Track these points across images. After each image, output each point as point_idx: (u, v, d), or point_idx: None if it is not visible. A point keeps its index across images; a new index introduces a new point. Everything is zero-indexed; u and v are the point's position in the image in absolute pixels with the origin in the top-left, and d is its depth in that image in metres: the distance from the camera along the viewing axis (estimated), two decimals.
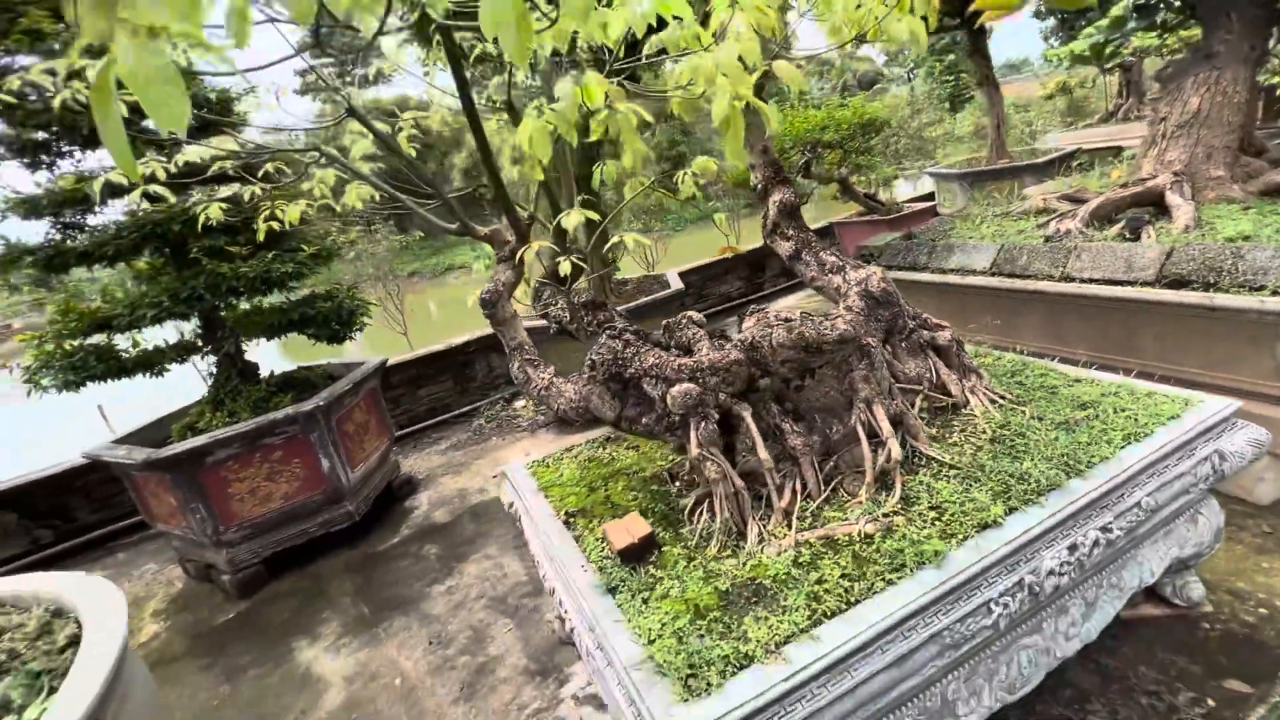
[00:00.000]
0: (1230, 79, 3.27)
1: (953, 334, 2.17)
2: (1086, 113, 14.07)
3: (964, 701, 1.57)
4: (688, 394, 1.72)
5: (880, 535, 1.58)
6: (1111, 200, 3.24)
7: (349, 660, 2.91)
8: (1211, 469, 1.79)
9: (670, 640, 1.39)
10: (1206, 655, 1.95)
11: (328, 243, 3.77)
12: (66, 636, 1.56)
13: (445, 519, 4.12)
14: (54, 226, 3.32)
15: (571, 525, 1.97)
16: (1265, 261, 2.29)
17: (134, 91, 0.68)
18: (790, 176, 6.67)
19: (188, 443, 3.39)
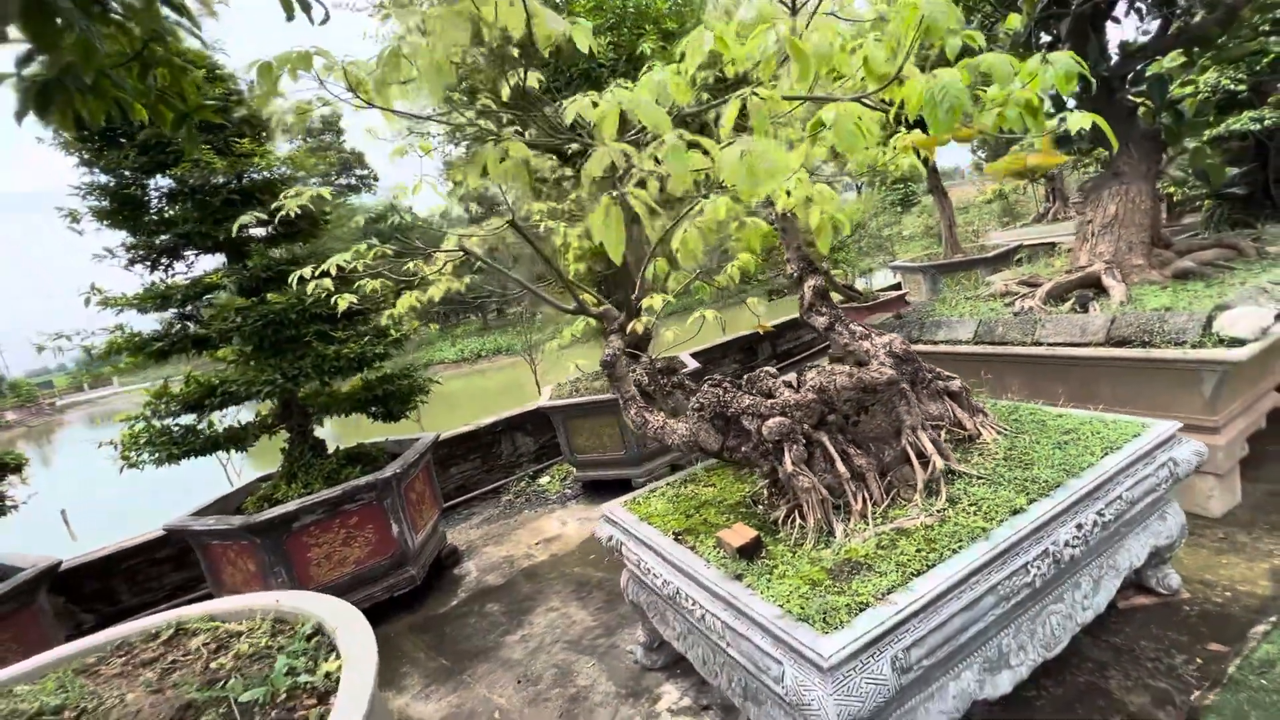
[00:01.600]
0: (1136, 191, 4.22)
1: (961, 383, 2.79)
2: (1019, 214, 15.96)
3: (1014, 654, 2.03)
4: (781, 425, 2.26)
5: (938, 524, 2.10)
6: (1061, 284, 4.05)
7: (441, 704, 3.14)
8: (1169, 472, 2.38)
9: (800, 601, 1.85)
10: (1190, 628, 2.45)
11: (405, 330, 4.29)
12: (309, 630, 1.92)
13: (498, 581, 4.39)
14: (176, 317, 3.79)
15: (681, 541, 2.42)
16: (1183, 324, 3.02)
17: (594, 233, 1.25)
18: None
19: (279, 508, 3.71)
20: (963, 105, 1.23)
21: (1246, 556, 2.78)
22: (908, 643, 1.72)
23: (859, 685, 1.62)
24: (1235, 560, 2.77)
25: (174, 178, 3.69)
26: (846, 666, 1.63)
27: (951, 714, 1.87)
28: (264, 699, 1.58)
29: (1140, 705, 2.17)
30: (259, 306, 3.54)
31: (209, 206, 3.72)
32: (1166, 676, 2.26)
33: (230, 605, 2.17)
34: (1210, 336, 2.92)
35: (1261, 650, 2.25)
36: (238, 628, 2.02)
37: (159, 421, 3.98)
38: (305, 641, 1.85)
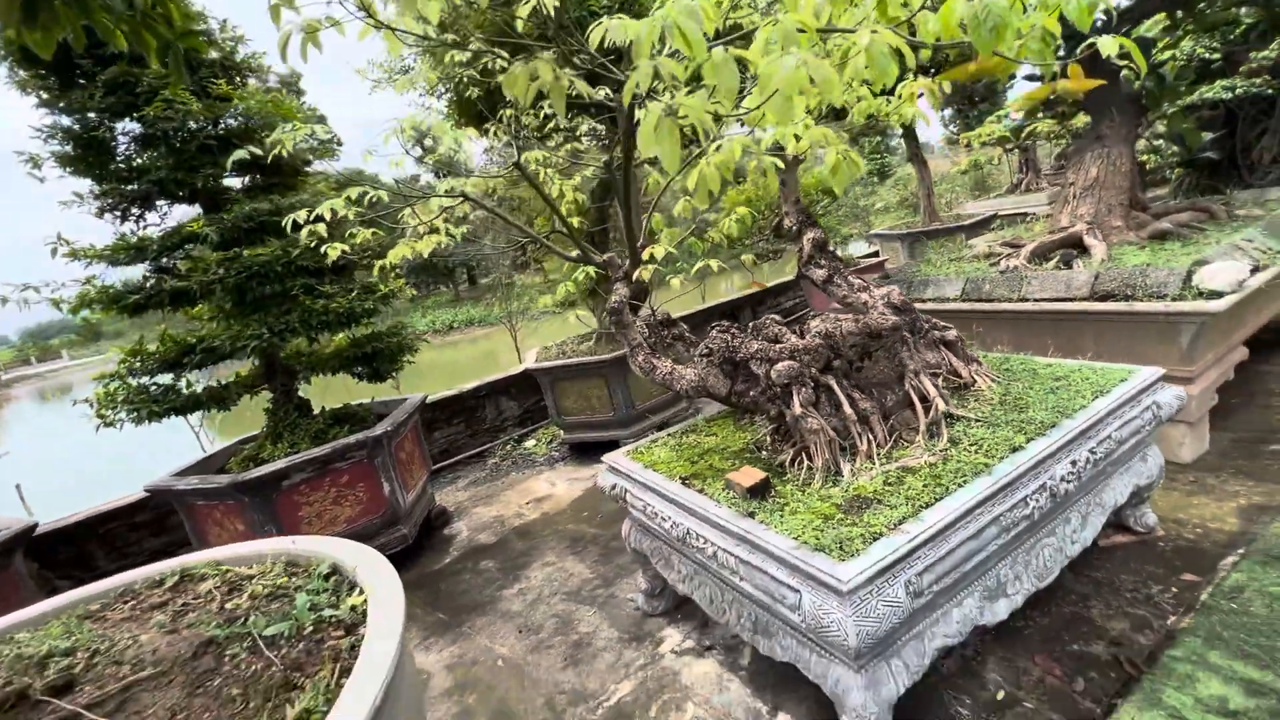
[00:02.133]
0: (1117, 154, 4.32)
1: (957, 333, 2.86)
2: (990, 187, 16.24)
3: (1011, 583, 2.13)
4: (790, 368, 2.29)
5: (941, 463, 2.17)
6: (1045, 243, 4.15)
7: (443, 654, 3.16)
8: (1153, 414, 2.49)
9: (814, 533, 1.90)
10: (1165, 561, 2.60)
11: (393, 287, 4.19)
12: (325, 569, 1.90)
13: (490, 540, 4.40)
14: (151, 270, 3.63)
15: (689, 485, 2.46)
16: (1164, 278, 3.14)
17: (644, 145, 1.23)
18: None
19: (269, 466, 3.63)
20: (1008, 24, 1.23)
21: (1215, 497, 2.95)
22: (919, 568, 1.79)
23: (875, 608, 1.68)
24: (1205, 501, 2.94)
25: (144, 121, 3.49)
26: (864, 590, 1.69)
27: (954, 638, 1.96)
28: (289, 632, 1.57)
29: (1121, 630, 2.31)
30: (242, 258, 3.40)
31: (183, 153, 3.54)
32: (1145, 605, 2.40)
33: (237, 551, 2.13)
34: (1190, 290, 3.04)
35: (1231, 578, 2.40)
36: (248, 571, 1.99)
37: (135, 380, 3.84)
38: (323, 580, 1.83)
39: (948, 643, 1.95)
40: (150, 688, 1.49)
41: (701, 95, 1.50)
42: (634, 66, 1.24)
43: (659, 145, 1.29)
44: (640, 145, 1.32)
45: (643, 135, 1.30)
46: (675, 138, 1.30)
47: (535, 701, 2.67)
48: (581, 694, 2.65)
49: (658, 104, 1.28)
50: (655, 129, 1.28)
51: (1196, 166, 5.74)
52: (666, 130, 1.28)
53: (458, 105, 5.14)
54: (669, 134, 1.29)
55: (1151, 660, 2.15)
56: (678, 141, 1.31)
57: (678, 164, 1.49)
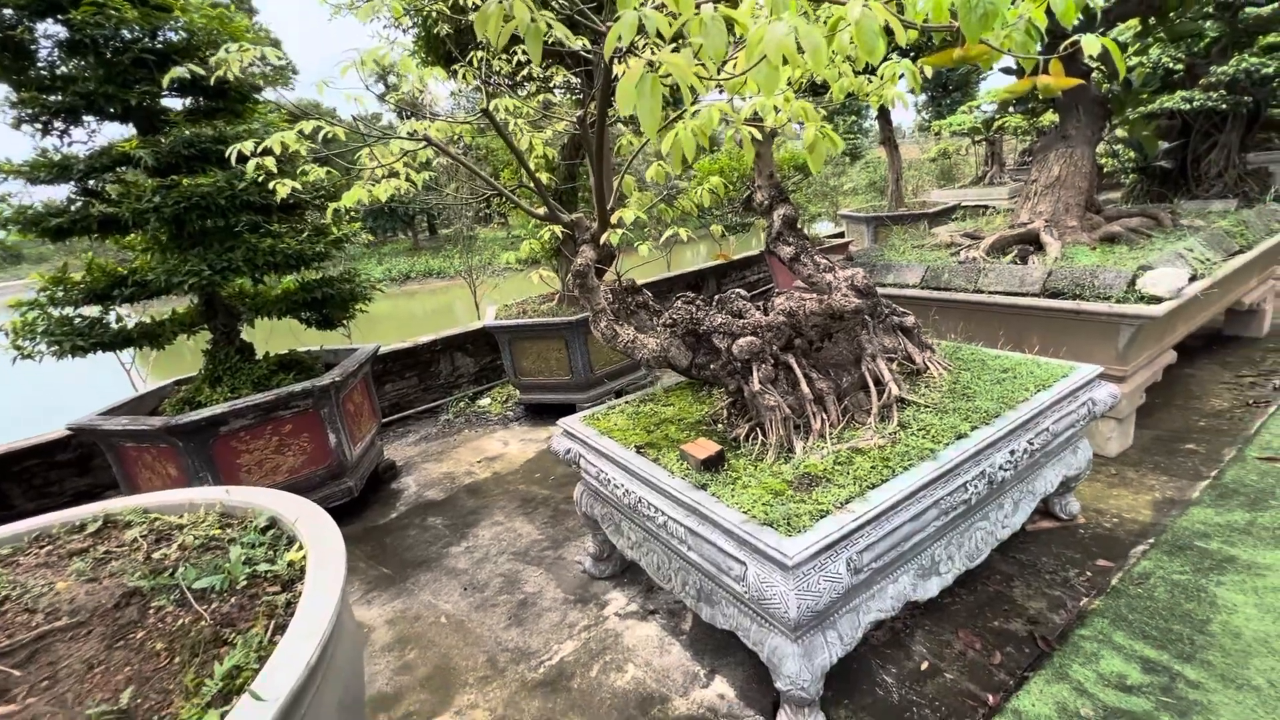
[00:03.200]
0: (1080, 155, 4.43)
1: (915, 320, 2.92)
2: (955, 177, 16.54)
3: (944, 563, 2.23)
4: (751, 344, 2.29)
5: (890, 445, 2.23)
6: (1003, 237, 4.25)
7: (385, 609, 3.13)
8: (1088, 409, 2.61)
9: (763, 508, 1.94)
10: (1084, 547, 2.77)
11: (346, 230, 3.98)
12: (263, 523, 1.83)
13: (439, 497, 4.35)
14: (78, 192, 3.34)
15: (644, 454, 2.46)
16: (1111, 280, 3.26)
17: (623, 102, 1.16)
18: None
19: (205, 410, 3.46)
20: (997, 12, 1.21)
21: (1133, 490, 3.14)
22: (861, 547, 1.85)
23: (817, 583, 1.73)
24: (1124, 493, 3.13)
25: (70, 25, 3.16)
26: (807, 565, 1.74)
27: (887, 612, 2.05)
28: (221, 586, 1.51)
29: (1038, 609, 2.46)
30: (181, 187, 3.16)
31: (115, 65, 3.23)
32: (1061, 586, 2.56)
33: (167, 499, 2.03)
34: (1133, 293, 3.17)
35: (1140, 565, 2.58)
36: (178, 520, 1.90)
37: (57, 310, 3.57)
38: (260, 534, 1.76)
39: (881, 616, 2.03)
40: (66, 638, 1.41)
41: (686, 54, 1.43)
42: (617, 16, 1.17)
43: (639, 103, 1.22)
44: (619, 102, 1.25)
45: (622, 91, 1.23)
46: (657, 96, 1.24)
47: (477, 658, 2.68)
48: (524, 652, 2.67)
49: (640, 59, 1.21)
50: (637, 85, 1.21)
51: (1149, 174, 5.96)
52: (649, 88, 1.21)
53: (425, 42, 4.85)
54: (651, 92, 1.22)
55: (1063, 638, 2.30)
56: (659, 101, 1.25)
57: (658, 124, 1.43)
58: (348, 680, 1.41)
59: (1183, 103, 5.64)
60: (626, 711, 2.28)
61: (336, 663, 1.37)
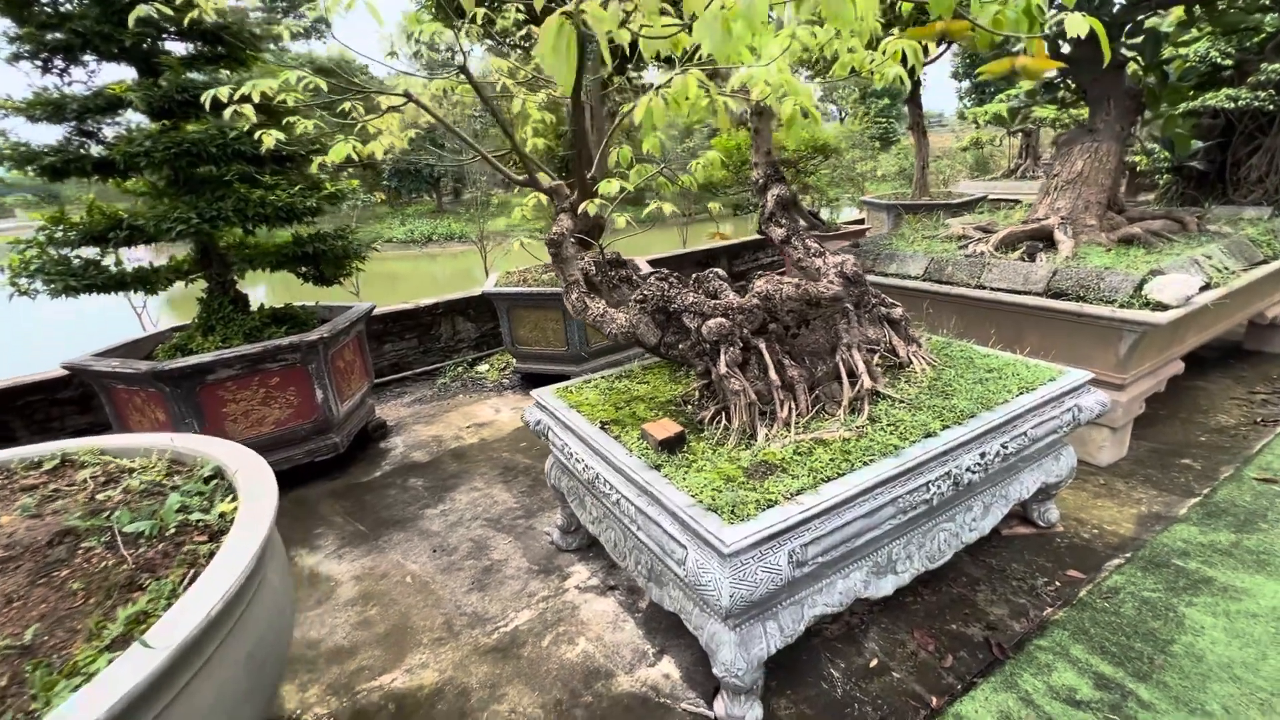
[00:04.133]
0: (1106, 150, 4.22)
1: (903, 311, 2.82)
2: (990, 168, 16.01)
3: (902, 561, 2.18)
4: (721, 326, 2.23)
5: (855, 439, 2.16)
6: (1015, 233, 4.09)
7: (354, 564, 3.18)
8: (1073, 416, 2.52)
9: (712, 493, 1.90)
10: (1057, 556, 2.70)
11: (342, 186, 3.95)
12: (208, 473, 1.84)
13: (425, 459, 4.39)
14: (72, 132, 3.34)
15: (607, 430, 2.43)
16: (1118, 283, 3.12)
17: (541, 55, 1.10)
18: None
19: (195, 358, 3.50)
20: None
21: (1119, 502, 3.05)
22: (807, 539, 1.80)
23: (754, 572, 1.70)
24: (1109, 504, 3.03)
25: None
26: (746, 555, 1.70)
27: (835, 607, 2.01)
28: (150, 531, 1.52)
29: (999, 616, 2.40)
30: (172, 133, 3.15)
31: (112, 4, 3.20)
32: (1027, 594, 2.50)
33: (124, 442, 2.05)
34: (1139, 298, 3.03)
35: (1111, 580, 2.51)
36: (130, 464, 1.92)
37: (55, 251, 3.61)
38: (203, 483, 1.77)
39: (828, 611, 2.00)
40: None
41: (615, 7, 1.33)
42: None
43: (556, 62, 1.14)
44: (537, 55, 1.17)
45: (540, 45, 1.15)
46: (573, 51, 1.16)
47: (435, 620, 2.71)
48: (481, 617, 2.69)
49: (557, 15, 1.13)
50: (554, 41, 1.12)
51: (1184, 175, 5.68)
52: (566, 42, 1.13)
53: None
54: (568, 48, 1.14)
55: (1019, 646, 2.25)
56: (574, 55, 1.16)
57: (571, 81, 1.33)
58: (264, 634, 1.41)
59: (1227, 101, 5.34)
60: (571, 684, 2.29)
61: (251, 616, 1.37)
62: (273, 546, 1.55)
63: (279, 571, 1.61)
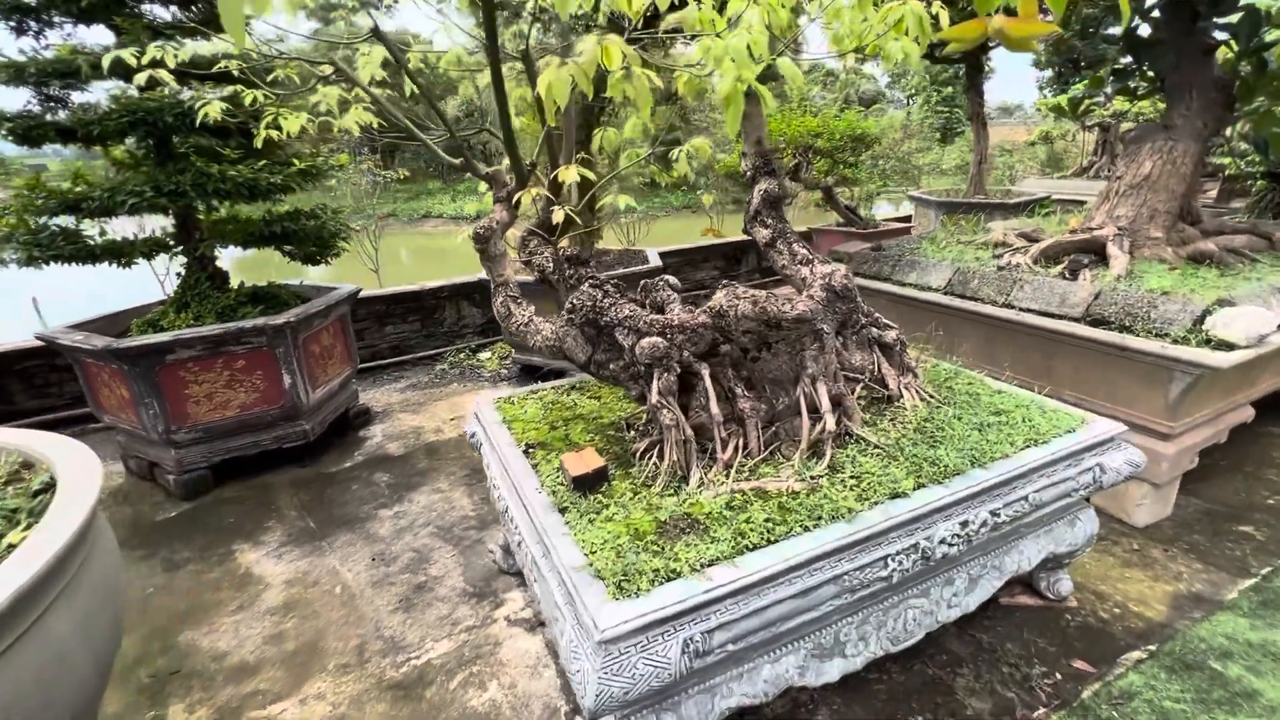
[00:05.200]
0: (1181, 151, 3.59)
1: (898, 335, 2.40)
2: (1064, 165, 14.74)
3: (853, 644, 1.81)
4: (655, 346, 1.89)
5: (806, 492, 1.79)
6: (1061, 243, 3.54)
7: (290, 566, 3.01)
8: (1092, 479, 2.06)
9: (610, 553, 1.57)
10: (1064, 640, 2.25)
11: (318, 162, 3.75)
12: (40, 484, 1.64)
13: (399, 451, 4.21)
14: (36, 97, 3.23)
15: (530, 455, 2.13)
16: (1173, 314, 2.59)
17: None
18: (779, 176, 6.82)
19: (151, 337, 3.39)
20: None
21: (1153, 574, 2.55)
22: (712, 625, 1.46)
23: (633, 665, 1.37)
24: (1139, 576, 2.55)
25: None
26: (625, 643, 1.38)
27: (759, 698, 1.67)
28: None
29: (978, 711, 2.00)
30: (125, 101, 2.98)
31: None
32: (1018, 686, 2.08)
33: None
34: (1197, 333, 2.50)
35: (1126, 679, 2.06)
36: None
37: (33, 219, 3.54)
38: (31, 498, 1.56)
39: (748, 703, 1.65)
40: None
41: None
42: None
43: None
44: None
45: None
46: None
47: (349, 641, 2.49)
48: (397, 644, 2.46)
49: None
50: None
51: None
52: None
53: None
54: None
55: None
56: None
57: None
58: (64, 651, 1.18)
59: None
60: None
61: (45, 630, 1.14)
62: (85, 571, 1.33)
63: (103, 580, 1.39)
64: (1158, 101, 7.53)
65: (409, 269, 17.12)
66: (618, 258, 5.68)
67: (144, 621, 2.68)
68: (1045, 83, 24.26)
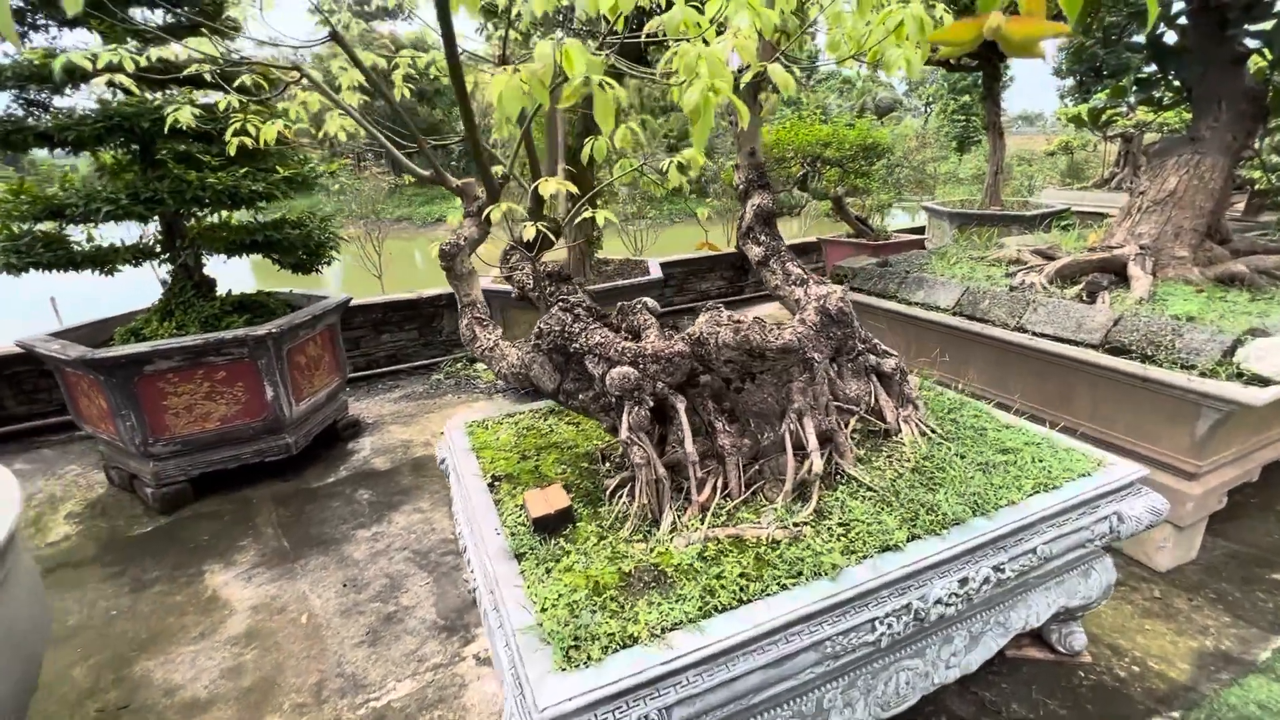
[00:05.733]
0: (1209, 165, 3.38)
1: (898, 363, 2.22)
2: (1085, 176, 14.40)
3: (838, 711, 1.64)
4: (626, 377, 1.73)
5: (787, 542, 1.63)
6: (1078, 262, 3.34)
7: (259, 590, 2.88)
8: (1109, 528, 1.87)
9: (563, 611, 1.42)
10: (1076, 701, 2.06)
11: (306, 169, 3.65)
12: None
13: (385, 466, 4.08)
14: (16, 102, 3.16)
15: (495, 489, 1.98)
16: (1201, 343, 2.39)
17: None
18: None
19: (127, 347, 3.30)
20: None
21: (1176, 627, 2.34)
22: (671, 700, 1.30)
23: None
24: (1161, 629, 2.34)
25: None
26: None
27: None
28: None
29: None
30: (103, 107, 2.90)
31: None
32: None
33: None
34: (1228, 365, 2.30)
35: None
36: None
37: (17, 225, 3.47)
38: None
39: None
40: None
41: None
42: None
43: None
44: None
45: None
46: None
47: (309, 678, 2.36)
48: (358, 683, 2.32)
49: None
50: None
51: None
52: None
53: None
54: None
55: None
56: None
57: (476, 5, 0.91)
58: None
59: None
60: None
61: None
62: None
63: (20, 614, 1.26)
64: (1183, 112, 7.26)
65: (422, 273, 17.11)
66: (618, 268, 5.54)
67: (103, 647, 2.57)
68: (1066, 91, 23.90)
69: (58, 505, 3.71)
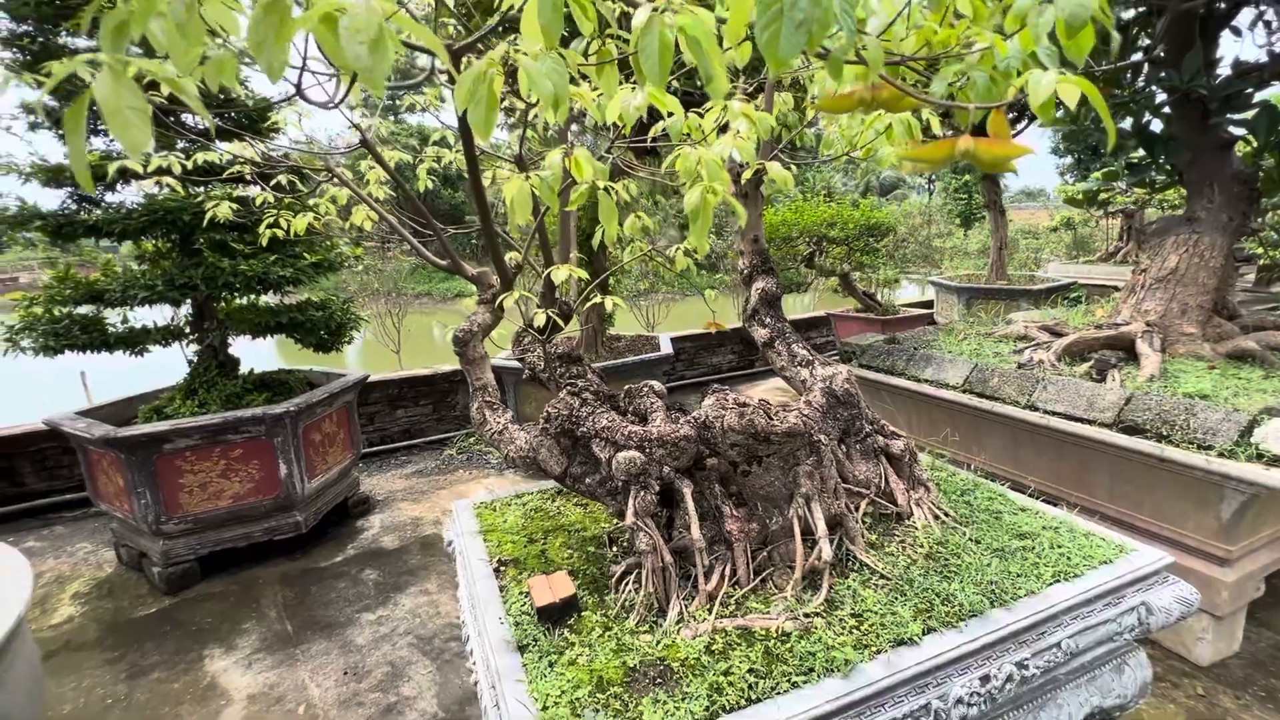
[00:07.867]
0: (1208, 244, 3.45)
1: (907, 444, 2.22)
2: (1090, 249, 14.61)
3: None
4: (632, 461, 1.75)
5: (797, 635, 1.58)
6: (1086, 339, 3.35)
7: (259, 678, 2.80)
8: (1137, 620, 1.79)
9: (564, 710, 1.37)
10: None
11: (332, 255, 3.85)
12: None
13: (393, 545, 4.04)
14: (71, 197, 3.42)
15: (500, 574, 1.96)
16: (1216, 423, 2.36)
17: (105, 117, 0.76)
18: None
19: (148, 426, 3.38)
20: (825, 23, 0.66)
21: None
22: None
23: None
24: None
25: None
26: None
27: None
28: None
29: None
30: (149, 202, 3.12)
31: None
32: None
33: None
34: (1246, 446, 2.26)
35: None
36: None
37: (58, 309, 3.66)
38: None
39: None
40: None
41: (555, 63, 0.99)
42: None
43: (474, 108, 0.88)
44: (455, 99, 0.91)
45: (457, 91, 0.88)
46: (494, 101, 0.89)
47: None
48: None
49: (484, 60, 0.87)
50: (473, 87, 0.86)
51: None
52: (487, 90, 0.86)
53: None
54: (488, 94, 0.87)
55: None
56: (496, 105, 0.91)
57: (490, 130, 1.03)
58: None
59: None
60: None
61: None
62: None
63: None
64: (1180, 189, 7.43)
65: (440, 348, 17.47)
66: (629, 345, 5.64)
67: None
68: (1065, 169, 24.64)
69: (65, 584, 3.69)
